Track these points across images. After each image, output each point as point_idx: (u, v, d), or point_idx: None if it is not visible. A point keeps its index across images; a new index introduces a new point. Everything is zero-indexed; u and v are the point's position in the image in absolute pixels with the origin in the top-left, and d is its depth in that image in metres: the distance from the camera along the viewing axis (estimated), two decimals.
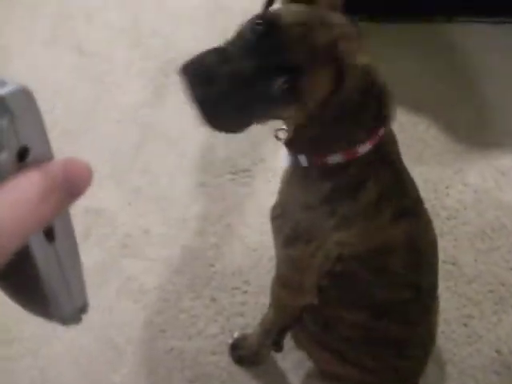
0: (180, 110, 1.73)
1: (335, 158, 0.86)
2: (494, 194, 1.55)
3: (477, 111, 1.74)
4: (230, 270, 1.42)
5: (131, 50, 1.95)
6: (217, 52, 0.76)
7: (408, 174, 0.97)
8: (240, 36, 0.79)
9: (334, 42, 0.78)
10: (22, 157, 0.29)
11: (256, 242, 1.45)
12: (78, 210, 1.52)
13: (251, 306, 1.36)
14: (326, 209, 0.91)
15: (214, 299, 1.38)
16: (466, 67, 1.86)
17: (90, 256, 1.44)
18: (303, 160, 0.90)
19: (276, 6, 0.86)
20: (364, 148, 0.86)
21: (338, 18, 0.82)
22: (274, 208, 1.00)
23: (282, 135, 0.94)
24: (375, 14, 1.99)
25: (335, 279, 1.00)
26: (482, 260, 1.43)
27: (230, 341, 1.32)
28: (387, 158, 0.91)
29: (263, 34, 0.76)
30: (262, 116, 0.83)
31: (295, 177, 0.95)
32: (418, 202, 0.99)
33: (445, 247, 1.44)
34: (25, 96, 0.29)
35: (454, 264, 1.41)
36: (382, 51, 1.88)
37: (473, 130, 1.70)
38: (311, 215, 0.93)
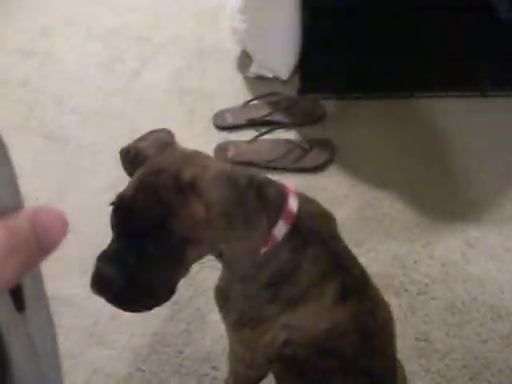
0: None
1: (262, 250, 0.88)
2: (461, 266, 1.56)
3: (441, 184, 1.77)
4: (200, 356, 1.39)
5: (98, 133, 1.98)
6: (103, 257, 0.82)
7: (346, 249, 0.97)
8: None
9: (166, 194, 0.80)
10: None
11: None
12: None
13: None
14: (267, 295, 0.92)
15: None
16: (428, 141, 1.91)
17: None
18: None
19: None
20: (280, 229, 0.87)
21: (161, 162, 0.84)
22: (217, 295, 1.01)
23: None
24: (340, 93, 2.06)
25: (287, 364, 0.98)
26: (453, 334, 1.42)
27: None
28: (313, 235, 0.91)
29: (117, 213, 0.83)
30: (179, 273, 0.85)
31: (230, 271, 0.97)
32: (361, 279, 0.98)
33: (416, 323, 1.43)
34: None
35: (426, 340, 1.40)
36: (346, 128, 1.94)
37: (438, 203, 1.72)
38: (253, 303, 0.94)
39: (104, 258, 0.82)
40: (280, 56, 2.02)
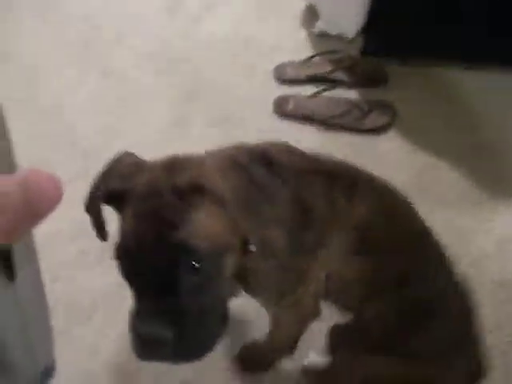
0: (200, 138, 1.73)
1: None
2: None
3: (500, 160, 1.73)
4: None
5: (157, 74, 1.97)
6: (143, 319, 0.70)
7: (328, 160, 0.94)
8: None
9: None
10: None
11: None
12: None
13: None
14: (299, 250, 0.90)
15: None
16: (490, 116, 1.85)
17: (105, 278, 1.42)
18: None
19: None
20: None
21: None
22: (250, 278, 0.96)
23: None
24: (403, 58, 2.01)
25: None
26: (502, 311, 1.40)
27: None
28: (286, 171, 0.84)
29: (128, 264, 0.71)
30: (226, 290, 0.79)
31: None
32: (351, 172, 0.95)
33: None
34: None
35: None
36: (407, 94, 1.90)
37: (496, 179, 1.68)
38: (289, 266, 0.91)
39: (144, 318, 0.69)
40: (349, 14, 1.97)
